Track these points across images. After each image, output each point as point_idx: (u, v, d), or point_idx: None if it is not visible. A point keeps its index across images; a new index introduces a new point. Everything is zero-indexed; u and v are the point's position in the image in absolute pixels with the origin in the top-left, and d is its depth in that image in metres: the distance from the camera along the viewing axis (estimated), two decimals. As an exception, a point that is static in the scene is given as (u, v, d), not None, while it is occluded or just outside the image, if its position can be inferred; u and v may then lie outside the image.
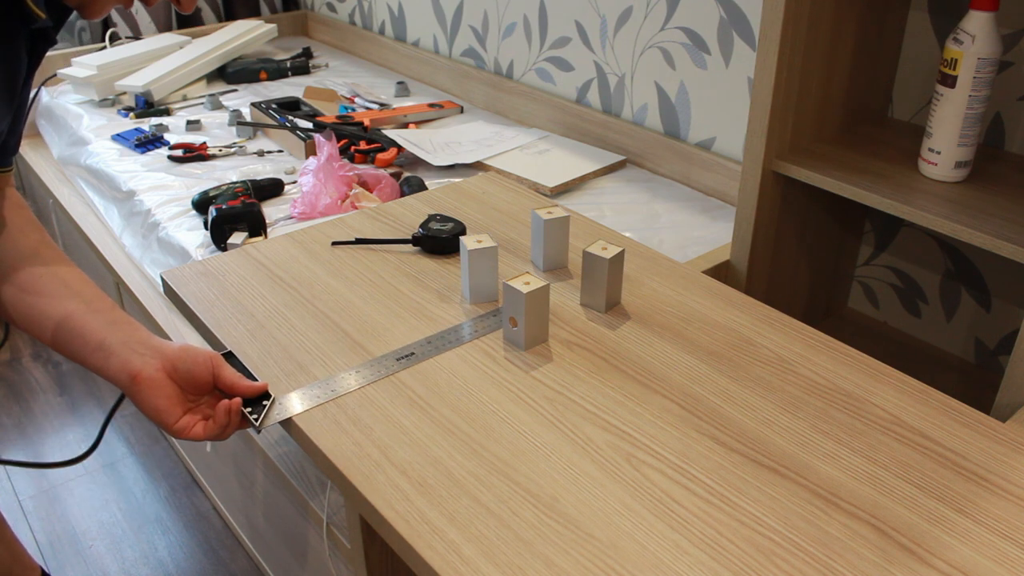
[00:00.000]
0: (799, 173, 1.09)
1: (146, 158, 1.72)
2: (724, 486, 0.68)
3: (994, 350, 1.24)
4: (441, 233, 1.01)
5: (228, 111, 1.96)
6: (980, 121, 1.01)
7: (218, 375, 0.76)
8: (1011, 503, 0.67)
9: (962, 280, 1.24)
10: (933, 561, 0.62)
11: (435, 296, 0.93)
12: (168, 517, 1.59)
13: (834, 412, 0.76)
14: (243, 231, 1.34)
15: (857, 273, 1.38)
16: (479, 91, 1.98)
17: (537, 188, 1.52)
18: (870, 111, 1.22)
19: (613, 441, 0.73)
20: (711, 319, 0.90)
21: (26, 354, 2.05)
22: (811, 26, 1.05)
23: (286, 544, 1.24)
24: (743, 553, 0.62)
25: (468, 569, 0.61)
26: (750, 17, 1.38)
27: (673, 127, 1.58)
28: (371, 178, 1.50)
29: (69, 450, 1.75)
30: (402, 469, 0.69)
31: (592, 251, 0.89)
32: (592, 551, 0.62)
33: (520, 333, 0.83)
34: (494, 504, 0.66)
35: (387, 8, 2.26)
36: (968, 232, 0.95)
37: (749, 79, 1.42)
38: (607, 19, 1.62)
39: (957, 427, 0.74)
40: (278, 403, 0.77)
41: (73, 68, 2.04)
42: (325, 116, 1.83)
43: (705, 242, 1.35)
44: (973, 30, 0.97)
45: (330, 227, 1.08)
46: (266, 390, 0.77)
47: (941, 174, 1.05)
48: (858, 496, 0.67)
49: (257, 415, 0.75)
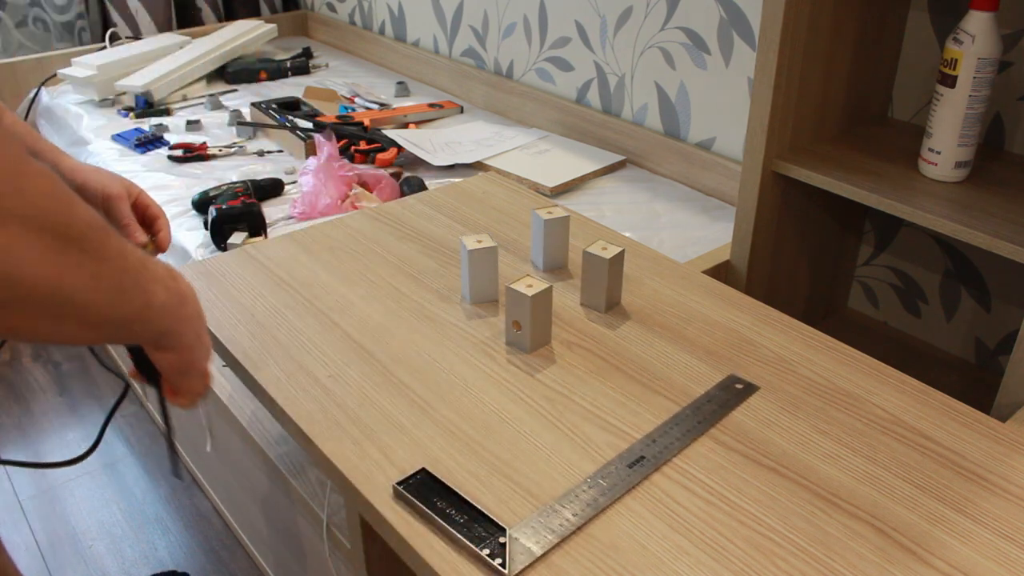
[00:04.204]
0: (799, 173, 1.09)
1: (146, 158, 1.72)
2: (724, 486, 0.68)
3: (994, 350, 1.24)
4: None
5: (228, 111, 1.96)
6: (980, 121, 1.01)
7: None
8: (1011, 503, 0.67)
9: (962, 280, 1.24)
10: (933, 561, 0.62)
11: (435, 296, 0.93)
12: (168, 517, 1.59)
13: (834, 412, 0.76)
14: (243, 231, 1.34)
15: (857, 273, 1.38)
16: (479, 91, 1.98)
17: (537, 188, 1.52)
18: (870, 111, 1.22)
19: (613, 441, 0.73)
20: (711, 319, 0.90)
21: (26, 354, 2.05)
22: (811, 26, 1.05)
23: (286, 544, 1.24)
24: (743, 553, 0.62)
25: (468, 569, 0.61)
26: (750, 17, 1.38)
27: (673, 127, 1.58)
28: (371, 178, 1.50)
29: (69, 450, 1.75)
30: (402, 469, 0.69)
31: (592, 251, 0.89)
32: (592, 551, 0.62)
33: (525, 336, 0.83)
34: (494, 504, 0.66)
35: (387, 8, 2.26)
36: (968, 232, 0.95)
37: (749, 79, 1.42)
38: (607, 19, 1.62)
39: (957, 427, 0.74)
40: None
41: (73, 68, 2.04)
42: (325, 116, 1.83)
43: (705, 242, 1.35)
44: (973, 30, 0.97)
45: (330, 227, 1.08)
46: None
47: (941, 174, 1.05)
48: (858, 496, 0.67)
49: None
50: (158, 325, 0.61)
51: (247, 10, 2.55)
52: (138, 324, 0.58)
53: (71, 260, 0.48)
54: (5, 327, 0.48)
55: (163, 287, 0.61)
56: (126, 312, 0.56)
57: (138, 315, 0.57)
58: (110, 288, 0.53)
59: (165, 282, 0.61)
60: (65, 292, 0.48)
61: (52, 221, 0.46)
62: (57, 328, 0.50)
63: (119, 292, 0.54)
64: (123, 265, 0.54)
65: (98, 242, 0.51)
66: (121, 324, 0.56)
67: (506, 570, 0.60)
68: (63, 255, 0.47)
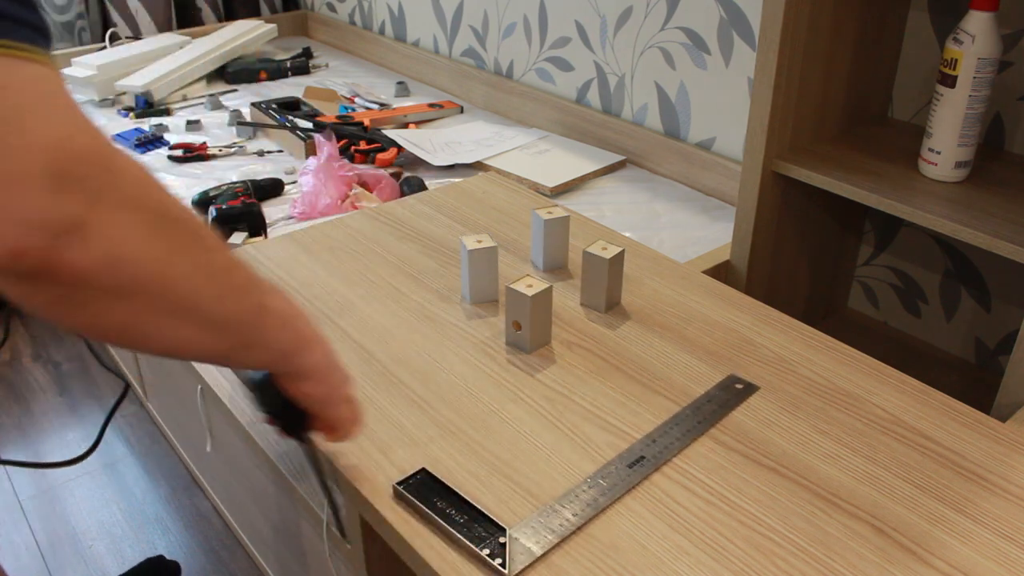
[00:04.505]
0: (799, 173, 1.09)
1: (146, 158, 1.72)
2: (724, 486, 0.68)
3: (994, 350, 1.24)
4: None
5: (228, 111, 1.96)
6: (980, 121, 1.01)
7: None
8: (1011, 503, 0.67)
9: (962, 280, 1.24)
10: (933, 561, 0.62)
11: (435, 296, 0.93)
12: (168, 517, 1.59)
13: (834, 412, 0.76)
14: (243, 231, 1.34)
15: (857, 273, 1.37)
16: (479, 91, 1.98)
17: (537, 188, 1.52)
18: (870, 111, 1.22)
19: (613, 441, 0.72)
20: (711, 319, 0.90)
21: (26, 354, 2.05)
22: (811, 26, 1.05)
23: (286, 544, 1.24)
24: (743, 553, 0.62)
25: (468, 569, 0.61)
26: (750, 17, 1.38)
27: (673, 127, 1.58)
28: (371, 178, 1.50)
29: (69, 450, 1.75)
30: (402, 469, 0.69)
31: (592, 251, 0.89)
32: (592, 551, 0.62)
33: (525, 337, 0.83)
34: (494, 504, 0.66)
35: (387, 8, 2.26)
36: (968, 232, 0.95)
37: (749, 79, 1.42)
38: (607, 19, 1.62)
39: (957, 427, 0.74)
40: None
41: (73, 68, 2.04)
42: (325, 116, 1.83)
43: (705, 242, 1.35)
44: (973, 30, 0.97)
45: (330, 227, 1.08)
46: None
47: (941, 174, 1.05)
48: (858, 496, 0.67)
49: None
50: (279, 338, 0.58)
51: (247, 10, 2.55)
52: (257, 331, 0.55)
53: (173, 244, 0.47)
54: (118, 323, 0.46)
55: (276, 293, 0.58)
56: (240, 311, 0.53)
57: (255, 317, 0.55)
58: (218, 281, 0.51)
59: (275, 290, 0.59)
60: (171, 277, 0.47)
61: (148, 204, 0.45)
62: (172, 328, 0.48)
63: (229, 286, 0.52)
64: (228, 258, 0.52)
65: (197, 229, 0.50)
66: (239, 327, 0.53)
67: (506, 570, 0.60)
68: (164, 238, 0.46)
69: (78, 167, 0.41)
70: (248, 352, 0.56)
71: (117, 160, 0.43)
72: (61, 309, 0.43)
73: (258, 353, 0.57)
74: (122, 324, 0.46)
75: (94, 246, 0.42)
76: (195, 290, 0.49)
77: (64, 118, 0.41)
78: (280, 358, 0.59)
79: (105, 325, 0.46)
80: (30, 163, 0.39)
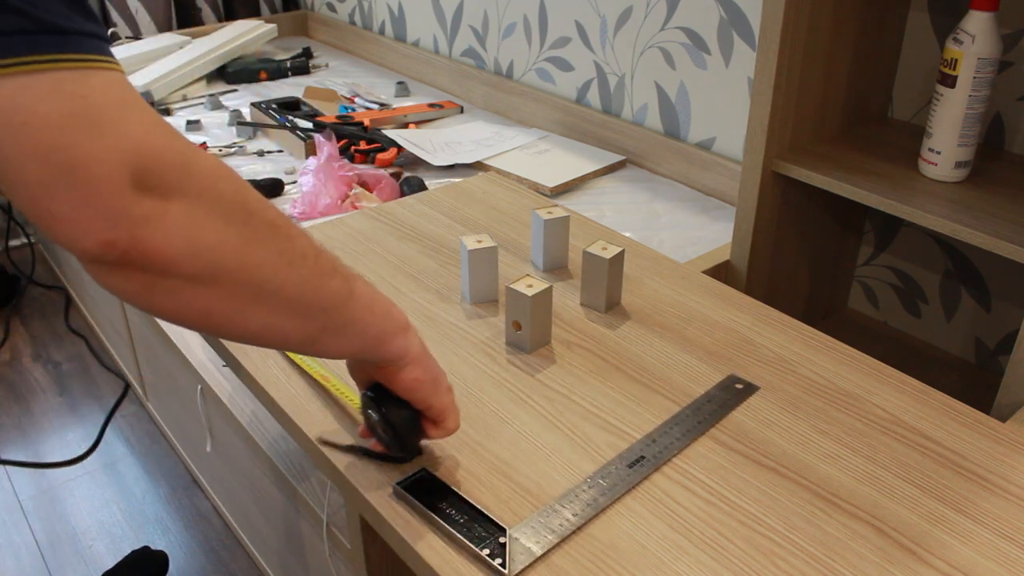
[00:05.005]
0: (799, 173, 1.09)
1: (146, 158, 1.72)
2: (724, 486, 0.68)
3: (994, 350, 1.24)
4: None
5: (228, 111, 1.96)
6: (980, 121, 1.01)
7: None
8: (1011, 503, 0.67)
9: (962, 280, 1.24)
10: (933, 561, 0.62)
11: (435, 296, 0.93)
12: (168, 517, 1.59)
13: (834, 412, 0.76)
14: (243, 231, 1.34)
15: (857, 273, 1.37)
16: (479, 91, 1.98)
17: (537, 188, 1.52)
18: (870, 111, 1.22)
19: (613, 441, 0.72)
20: (711, 319, 0.90)
21: (26, 354, 2.05)
22: (811, 26, 1.05)
23: (286, 544, 1.24)
24: (743, 553, 0.62)
25: (468, 569, 0.61)
26: (750, 17, 1.38)
27: (673, 127, 1.58)
28: (371, 178, 1.50)
29: (69, 450, 1.75)
30: (402, 469, 0.69)
31: (592, 251, 0.89)
32: (592, 551, 0.62)
33: (525, 337, 0.83)
34: (494, 504, 0.66)
35: (387, 8, 2.26)
36: (968, 232, 0.95)
37: (749, 79, 1.42)
38: (607, 19, 1.62)
39: (957, 427, 0.74)
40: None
41: (73, 68, 2.03)
42: (325, 116, 1.83)
43: (705, 242, 1.35)
44: (973, 30, 0.97)
45: (330, 227, 1.08)
46: None
47: (941, 174, 1.05)
48: (858, 496, 0.67)
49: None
50: (371, 323, 0.59)
51: (247, 10, 2.55)
52: (345, 315, 0.56)
53: (251, 232, 0.49)
54: (202, 309, 0.48)
55: (363, 280, 0.59)
56: (326, 295, 0.55)
57: (342, 302, 0.56)
58: (300, 267, 0.53)
59: (361, 278, 0.60)
60: (251, 263, 0.49)
61: (224, 195, 0.48)
62: (256, 313, 0.50)
63: (312, 271, 0.54)
64: (310, 245, 0.54)
65: (275, 219, 0.51)
66: (325, 312, 0.55)
67: (506, 570, 0.60)
68: (242, 226, 0.49)
69: (155, 164, 0.44)
70: (338, 337, 0.58)
71: (191, 155, 0.46)
72: (150, 296, 0.47)
73: (350, 338, 0.59)
74: (206, 310, 0.49)
75: (174, 235, 0.45)
76: (276, 276, 0.51)
77: (138, 120, 0.44)
78: (374, 344, 0.60)
79: (190, 311, 0.49)
80: (112, 164, 0.42)
